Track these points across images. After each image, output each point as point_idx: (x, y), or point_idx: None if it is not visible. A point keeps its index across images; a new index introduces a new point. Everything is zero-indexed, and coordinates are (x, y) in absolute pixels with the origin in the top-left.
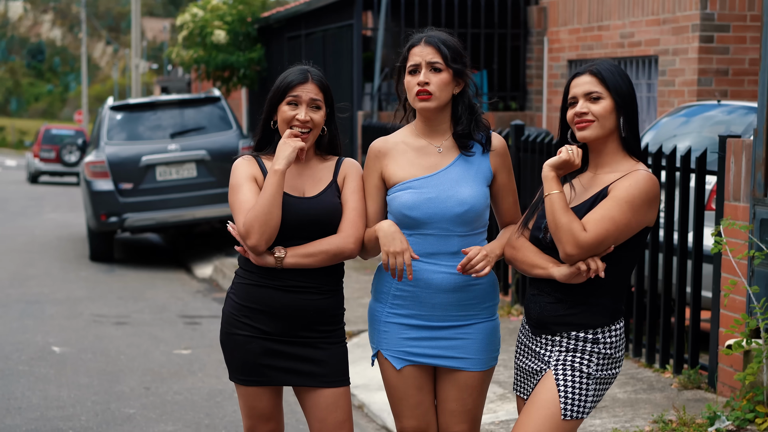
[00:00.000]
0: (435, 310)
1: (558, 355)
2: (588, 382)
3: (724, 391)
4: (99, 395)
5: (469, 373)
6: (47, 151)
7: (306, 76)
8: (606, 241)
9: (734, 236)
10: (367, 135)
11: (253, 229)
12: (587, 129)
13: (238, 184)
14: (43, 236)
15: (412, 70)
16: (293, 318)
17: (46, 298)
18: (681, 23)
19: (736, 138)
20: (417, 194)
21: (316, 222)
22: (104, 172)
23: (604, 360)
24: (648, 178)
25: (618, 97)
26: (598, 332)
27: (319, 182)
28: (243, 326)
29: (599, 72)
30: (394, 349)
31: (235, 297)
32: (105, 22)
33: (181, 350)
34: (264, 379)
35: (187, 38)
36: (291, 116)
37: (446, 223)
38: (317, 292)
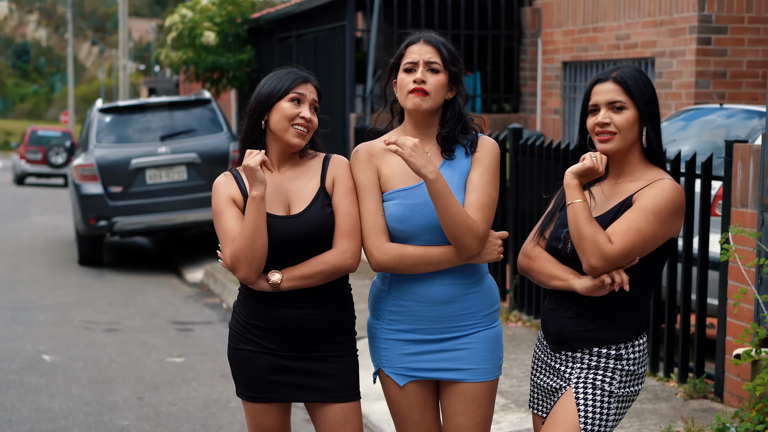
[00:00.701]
0: (433, 323)
1: (579, 373)
2: (610, 401)
3: (732, 401)
4: (91, 406)
5: (475, 384)
6: (34, 153)
7: (307, 78)
8: (632, 253)
9: (742, 243)
10: (359, 137)
11: (239, 263)
12: (609, 142)
13: (219, 211)
14: (30, 240)
15: (408, 68)
16: (300, 333)
17: (35, 304)
18: (678, 25)
19: (743, 143)
20: (404, 206)
21: (308, 239)
22: (93, 176)
23: (627, 377)
24: (674, 187)
25: (642, 106)
26: (621, 348)
27: (304, 191)
28: (250, 342)
29: (623, 80)
30: (396, 366)
31: (240, 313)
32: (91, 23)
33: (174, 358)
34: (273, 395)
35: (176, 39)
36: (295, 113)
37: (435, 234)
38: (322, 305)
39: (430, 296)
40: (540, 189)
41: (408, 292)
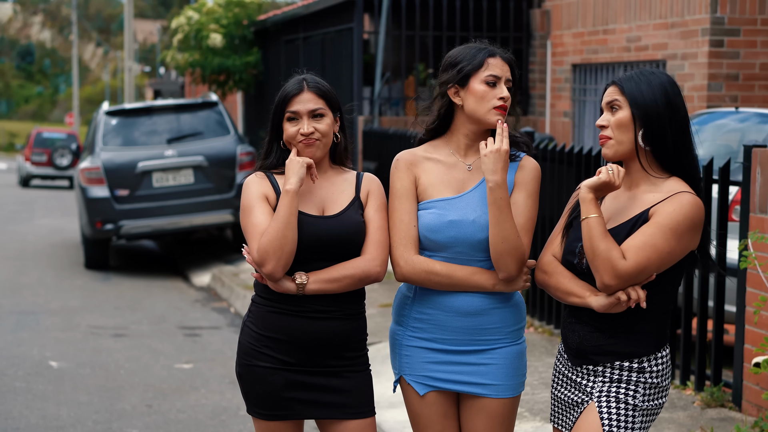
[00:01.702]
0: (457, 334)
1: (601, 387)
2: (634, 415)
3: (751, 411)
4: (100, 414)
5: (497, 400)
6: (39, 155)
7: (301, 86)
8: (647, 270)
9: (761, 250)
10: (368, 140)
11: (267, 256)
12: (605, 146)
13: (250, 206)
14: (35, 242)
15: (491, 81)
16: (318, 346)
17: (41, 309)
18: (690, 27)
19: (762, 147)
20: (439, 216)
21: (339, 242)
22: (100, 179)
23: (651, 390)
24: (694, 202)
25: (636, 109)
26: (644, 361)
27: (340, 197)
28: (264, 357)
29: (621, 81)
30: (417, 374)
31: (253, 326)
32: (95, 24)
33: (182, 364)
34: (287, 413)
35: (182, 41)
36: (294, 132)
37: (467, 248)
38: (342, 318)
39: (455, 307)
40: (552, 194)
41: (433, 300)
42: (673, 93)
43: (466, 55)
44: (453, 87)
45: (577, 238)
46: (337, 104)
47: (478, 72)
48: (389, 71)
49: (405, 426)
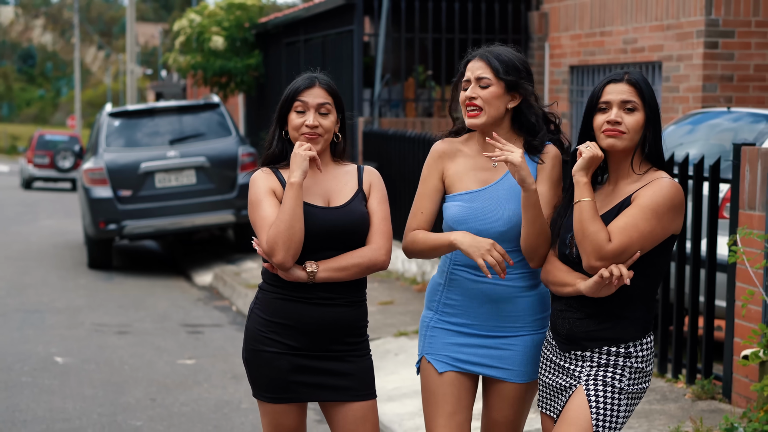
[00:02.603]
0: (482, 320)
1: (589, 371)
2: (620, 398)
3: (740, 402)
4: (105, 407)
5: (512, 384)
6: (41, 157)
7: (313, 82)
8: (630, 249)
9: (750, 245)
10: (368, 141)
11: (277, 246)
12: (618, 139)
13: (258, 200)
14: (38, 243)
15: (464, 87)
16: (323, 332)
17: (46, 307)
18: (685, 29)
19: (751, 146)
20: (465, 209)
21: (346, 232)
22: (103, 179)
23: (637, 374)
24: (672, 185)
25: (650, 110)
26: (630, 346)
27: (344, 189)
28: (271, 342)
29: (637, 82)
30: (439, 353)
31: (261, 313)
32: (97, 27)
33: (185, 360)
34: (293, 395)
35: (184, 44)
36: (300, 123)
37: (490, 238)
38: (346, 305)
39: (482, 293)
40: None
41: (462, 287)
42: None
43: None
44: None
45: (567, 228)
46: (342, 106)
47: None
48: (389, 73)
49: (403, 418)
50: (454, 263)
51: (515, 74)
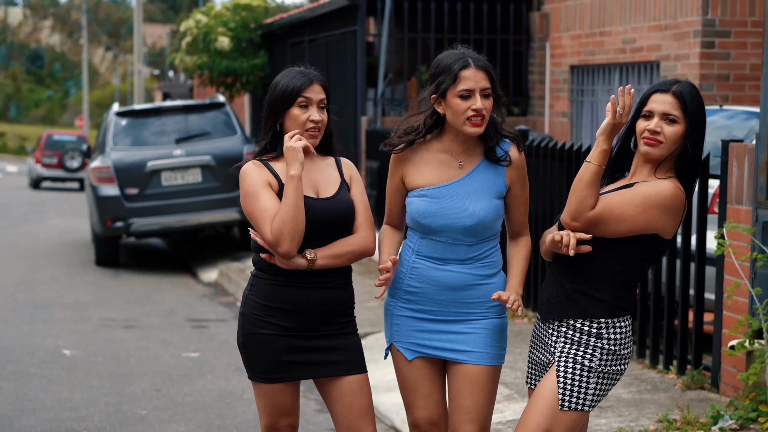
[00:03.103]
0: (443, 306)
1: (563, 347)
2: (589, 376)
3: (728, 392)
4: (111, 397)
5: (477, 367)
6: (49, 157)
7: (311, 79)
8: (603, 223)
9: (737, 239)
10: (370, 140)
11: (283, 237)
12: (655, 148)
13: (255, 192)
14: (47, 242)
15: (464, 95)
16: (315, 313)
17: (54, 303)
18: (682, 29)
19: (738, 142)
20: (430, 203)
21: (338, 221)
22: (110, 178)
23: (609, 356)
24: (672, 187)
25: (691, 125)
26: (602, 327)
27: (329, 181)
28: (267, 325)
29: (682, 96)
30: (406, 341)
31: (256, 298)
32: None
33: (189, 353)
34: (289, 375)
35: (190, 44)
36: (305, 118)
37: (455, 233)
38: (335, 287)
39: (443, 281)
40: (545, 190)
41: (423, 276)
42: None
43: (444, 67)
44: (436, 98)
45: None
46: (329, 100)
47: (453, 87)
48: (392, 73)
49: (401, 408)
50: (418, 254)
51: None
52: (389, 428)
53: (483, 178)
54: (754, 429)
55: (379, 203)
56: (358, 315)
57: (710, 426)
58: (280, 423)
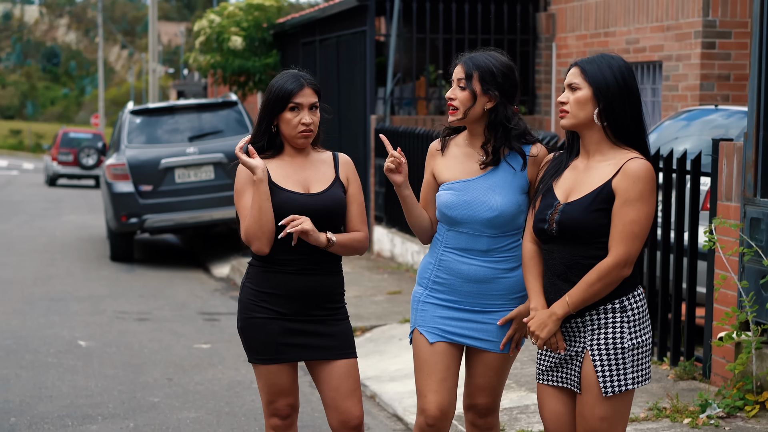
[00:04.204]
0: (467, 297)
1: (591, 335)
2: (624, 356)
3: (717, 381)
4: (125, 385)
5: (495, 354)
6: (65, 155)
7: (302, 83)
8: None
9: (726, 234)
10: (379, 138)
11: (251, 237)
12: (564, 118)
13: (240, 190)
14: (63, 237)
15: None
16: (306, 298)
17: (70, 296)
18: (684, 30)
19: (728, 141)
20: (455, 196)
21: (323, 216)
22: (125, 175)
23: (635, 326)
24: (646, 168)
25: (597, 87)
26: (624, 300)
27: (323, 177)
28: (262, 310)
29: (581, 64)
30: (429, 326)
31: (251, 285)
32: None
33: (201, 344)
34: (283, 356)
35: (204, 44)
36: (297, 122)
37: (478, 224)
38: (324, 274)
39: (467, 274)
40: None
41: (449, 268)
42: (629, 76)
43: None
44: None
45: (548, 205)
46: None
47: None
48: (401, 72)
49: (404, 396)
50: (445, 246)
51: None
52: (391, 416)
53: (506, 173)
54: (741, 417)
55: (387, 200)
56: (364, 308)
57: (698, 414)
58: (279, 403)
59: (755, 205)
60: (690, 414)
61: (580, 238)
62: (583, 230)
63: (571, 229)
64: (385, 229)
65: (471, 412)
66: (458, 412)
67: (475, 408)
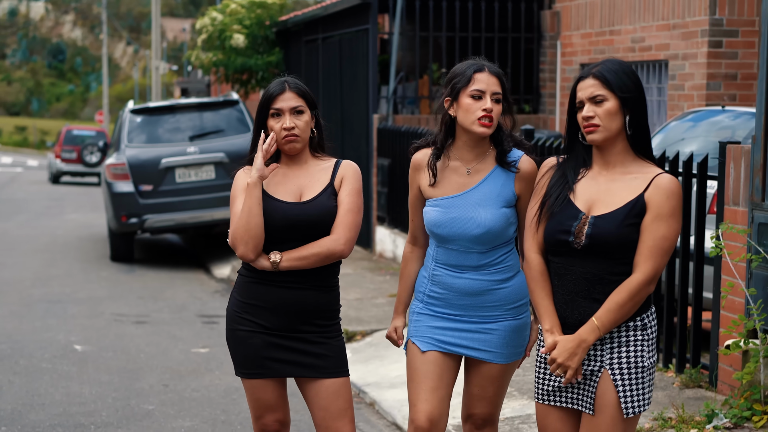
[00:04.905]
0: (463, 310)
1: (611, 353)
2: (644, 375)
3: (724, 390)
4: (119, 392)
5: (491, 364)
6: (69, 152)
7: (283, 87)
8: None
9: (733, 239)
10: (382, 137)
11: (236, 241)
12: (594, 133)
13: (234, 196)
14: (64, 236)
15: (475, 95)
16: (292, 314)
17: (68, 298)
18: (690, 28)
19: (735, 144)
20: (442, 213)
21: (310, 224)
22: (125, 174)
23: (651, 345)
24: (676, 182)
25: (622, 96)
26: (645, 318)
27: (315, 185)
28: (245, 322)
29: (601, 74)
30: (423, 335)
31: (237, 295)
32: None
33: (199, 349)
34: (266, 371)
35: (206, 41)
36: (279, 127)
37: (466, 241)
38: (313, 288)
39: (460, 288)
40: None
41: (443, 283)
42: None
43: (458, 71)
44: (449, 101)
45: (571, 216)
46: (314, 103)
47: (466, 87)
48: (404, 71)
49: (403, 405)
50: (436, 261)
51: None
52: (390, 424)
53: (492, 188)
54: (748, 428)
55: (390, 200)
56: (365, 311)
57: (705, 424)
58: (267, 418)
59: (763, 210)
60: (696, 425)
61: (610, 253)
62: (617, 244)
63: (604, 243)
64: (388, 230)
65: (468, 423)
66: (458, 423)
67: (472, 418)
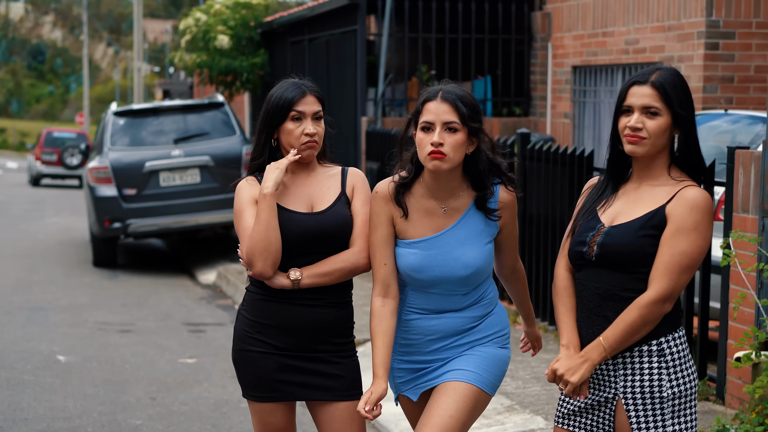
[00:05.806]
0: (436, 355)
1: (625, 380)
2: (662, 406)
3: (733, 404)
4: (105, 405)
5: (461, 384)
6: (49, 154)
7: (303, 90)
8: (684, 281)
9: (743, 248)
10: (371, 140)
11: (254, 257)
12: (638, 145)
13: (241, 210)
14: (45, 241)
15: (425, 126)
16: (307, 332)
17: (50, 305)
18: (686, 30)
19: (744, 149)
20: (422, 257)
21: (328, 236)
22: (108, 178)
23: (675, 373)
24: (704, 195)
25: (677, 114)
26: (663, 342)
27: (327, 193)
28: (256, 342)
29: (662, 86)
30: (410, 387)
31: (247, 313)
32: (106, 24)
33: (186, 359)
34: (278, 394)
35: (190, 42)
36: (299, 132)
37: (451, 284)
38: (329, 306)
39: (438, 329)
40: (548, 194)
41: (418, 327)
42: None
43: (418, 100)
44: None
45: (589, 228)
46: (324, 110)
47: (418, 119)
48: (392, 73)
49: (399, 418)
50: (408, 306)
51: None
52: None
53: (473, 224)
54: None
55: None
56: (357, 320)
57: None
58: None
59: None
60: None
61: (622, 265)
62: (628, 256)
63: (615, 254)
64: None
65: None
66: None
67: None
